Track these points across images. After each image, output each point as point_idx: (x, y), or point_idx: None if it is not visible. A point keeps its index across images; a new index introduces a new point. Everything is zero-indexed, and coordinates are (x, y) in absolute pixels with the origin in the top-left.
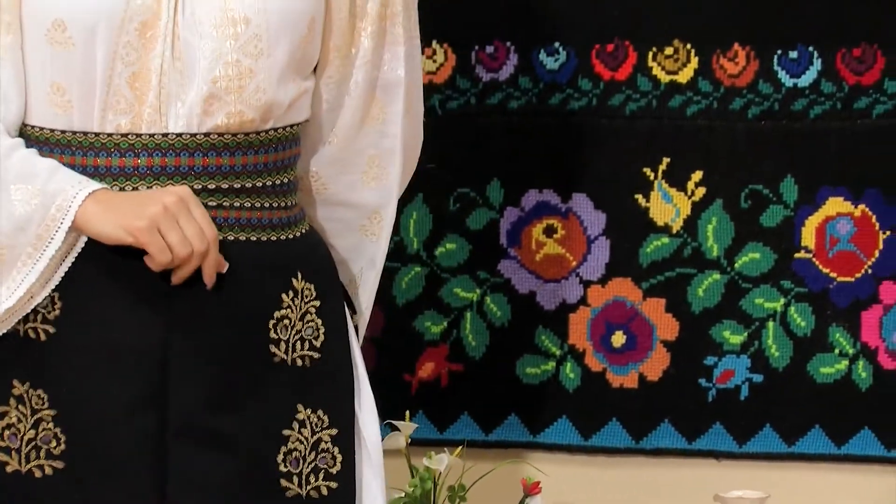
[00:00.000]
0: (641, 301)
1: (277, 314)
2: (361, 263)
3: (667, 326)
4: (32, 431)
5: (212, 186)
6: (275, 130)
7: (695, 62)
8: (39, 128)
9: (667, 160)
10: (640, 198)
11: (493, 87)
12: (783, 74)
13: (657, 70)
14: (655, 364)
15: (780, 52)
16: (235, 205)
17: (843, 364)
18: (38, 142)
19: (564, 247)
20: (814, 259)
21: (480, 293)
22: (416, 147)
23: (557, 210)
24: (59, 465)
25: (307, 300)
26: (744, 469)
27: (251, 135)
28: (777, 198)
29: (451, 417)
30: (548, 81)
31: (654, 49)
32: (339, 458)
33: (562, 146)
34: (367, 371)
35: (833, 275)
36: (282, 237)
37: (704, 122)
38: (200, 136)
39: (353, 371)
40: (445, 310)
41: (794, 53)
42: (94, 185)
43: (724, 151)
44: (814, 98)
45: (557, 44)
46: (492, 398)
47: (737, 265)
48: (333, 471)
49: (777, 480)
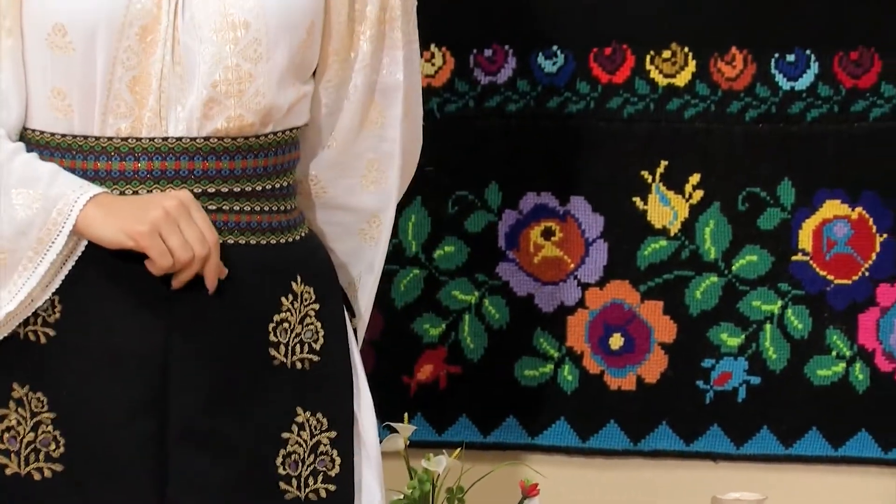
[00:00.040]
0: (639, 303)
1: (277, 317)
2: (360, 267)
3: (664, 329)
4: (32, 434)
5: (212, 190)
6: (274, 134)
7: (692, 65)
8: (40, 132)
9: (664, 163)
10: (638, 200)
11: (492, 91)
12: (780, 78)
13: (655, 73)
14: (653, 366)
15: (778, 56)
16: (235, 208)
17: (840, 366)
18: (39, 146)
19: (562, 249)
20: (811, 262)
21: (479, 296)
22: (416, 151)
23: (555, 213)
24: (59, 468)
25: (307, 303)
26: (741, 471)
27: (251, 139)
28: (774, 200)
29: (450, 419)
30: (546, 84)
31: (652, 52)
32: (338, 461)
33: (560, 149)
34: (366, 373)
35: (830, 277)
36: (281, 241)
37: (702, 126)
38: (200, 140)
39: (353, 374)
40: (444, 312)
41: (792, 57)
42: (96, 190)
43: (722, 154)
44: (811, 101)
45: (555, 47)
46: (490, 400)
47: (734, 268)
48: (332, 473)
49: (774, 482)
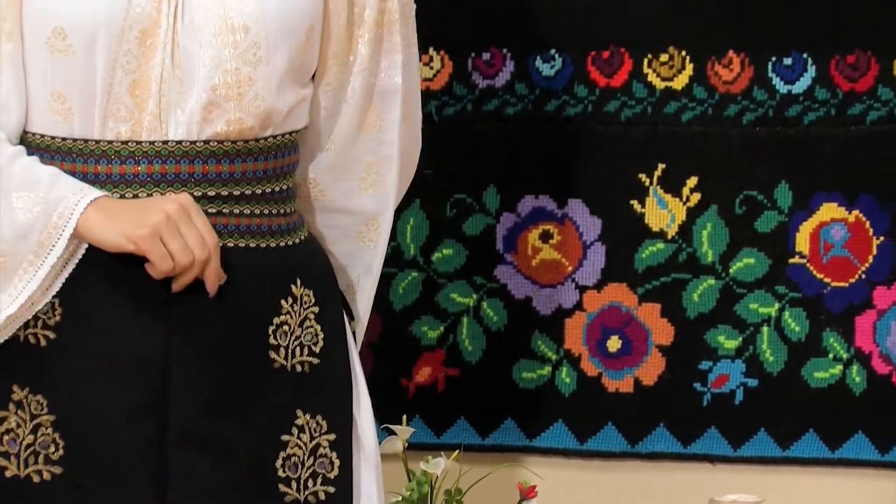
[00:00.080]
0: (637, 306)
1: (277, 320)
2: (359, 270)
3: (662, 331)
4: (31, 437)
5: (211, 193)
6: (274, 138)
7: (690, 69)
8: (40, 135)
9: (662, 166)
10: (636, 203)
11: (490, 94)
12: (778, 81)
13: (652, 77)
14: (651, 369)
15: (775, 59)
16: (235, 212)
17: (837, 369)
18: (39, 149)
19: (560, 252)
20: (808, 264)
21: (477, 298)
22: (414, 154)
23: (553, 216)
24: (58, 471)
25: (306, 306)
26: (738, 473)
27: (250, 142)
28: (771, 203)
29: (448, 422)
30: (544, 88)
31: (650, 56)
32: (337, 463)
33: (558, 152)
34: (365, 376)
35: (827, 280)
36: (281, 244)
37: (699, 129)
38: (200, 144)
39: (352, 376)
40: (442, 315)
41: (789, 60)
42: (96, 193)
43: (719, 157)
44: (808, 104)
45: (553, 51)
46: (488, 403)
47: (731, 270)
48: (331, 475)
49: (771, 484)
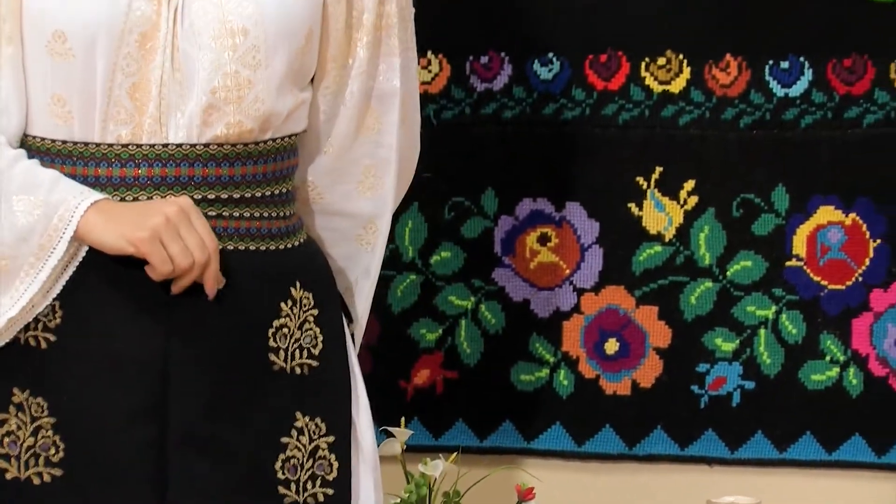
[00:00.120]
0: (634, 309)
1: (276, 323)
2: (357, 272)
3: (659, 334)
4: (32, 439)
5: (211, 196)
6: (273, 141)
7: (687, 72)
8: (41, 138)
9: (659, 169)
10: (633, 206)
11: (488, 97)
12: (775, 84)
13: (650, 80)
14: (648, 371)
15: (772, 63)
16: (235, 215)
17: (834, 371)
18: (40, 152)
19: (558, 255)
20: (805, 267)
21: (475, 301)
22: (413, 158)
23: (551, 219)
24: (58, 473)
25: (305, 309)
26: (736, 475)
27: (250, 145)
28: (768, 206)
29: (446, 424)
30: (541, 91)
31: (647, 59)
32: (336, 465)
33: (555, 155)
34: (363, 378)
35: (824, 283)
36: (280, 247)
37: (697, 132)
38: (200, 147)
39: (351, 379)
40: (440, 317)
41: (786, 63)
42: (96, 196)
43: (716, 161)
44: (805, 108)
45: (551, 54)
46: (486, 405)
47: (729, 273)
48: (330, 477)
49: (768, 486)
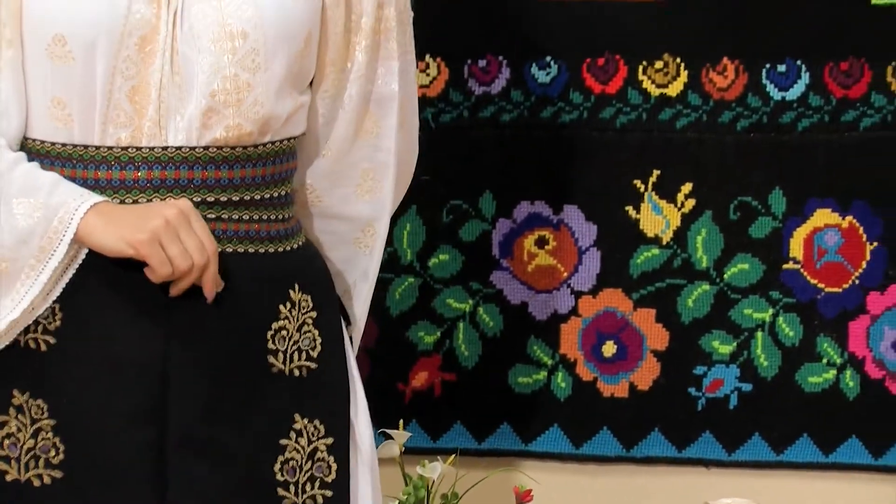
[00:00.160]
0: (632, 311)
1: (275, 325)
2: (355, 275)
3: (657, 336)
4: (32, 441)
5: (211, 199)
6: (272, 144)
7: (684, 76)
8: (40, 141)
9: (657, 172)
10: (631, 209)
11: (486, 101)
12: (772, 88)
13: (647, 83)
14: (646, 373)
15: (769, 66)
16: (234, 217)
17: (831, 373)
18: (39, 155)
19: (556, 258)
20: (802, 270)
21: (473, 304)
22: (411, 161)
23: (549, 222)
24: (58, 475)
25: (304, 311)
26: (733, 477)
27: (249, 148)
28: (766, 209)
29: (444, 426)
30: (539, 95)
31: (645, 63)
32: (335, 467)
33: (553, 159)
34: (362, 381)
35: (821, 285)
36: (279, 249)
37: (694, 135)
38: (199, 150)
39: (349, 381)
40: (438, 320)
41: (783, 67)
42: (96, 198)
43: (714, 164)
44: (802, 111)
45: (549, 58)
46: (484, 407)
47: (726, 276)
48: (329, 479)
49: (765, 488)
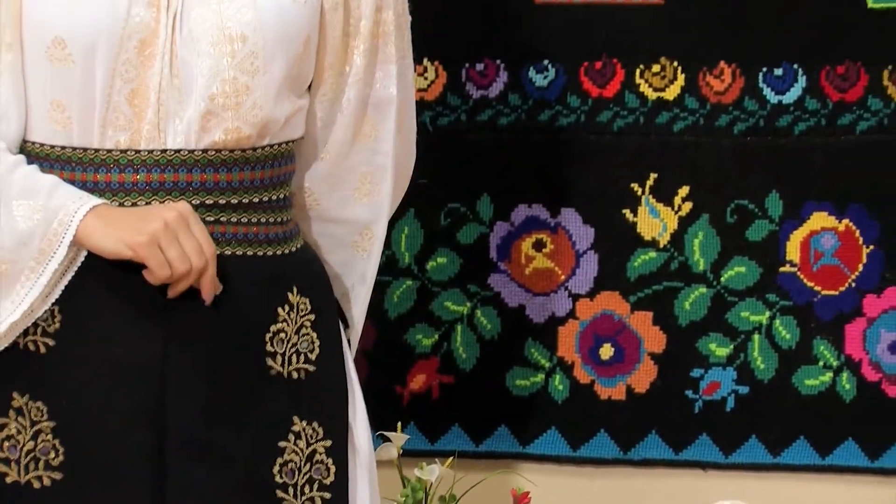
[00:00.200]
0: (629, 314)
1: (273, 328)
2: (353, 278)
3: (654, 339)
4: (31, 443)
5: (209, 202)
6: (271, 147)
7: (681, 79)
8: (39, 144)
9: (654, 176)
10: (628, 213)
11: (484, 104)
12: (768, 91)
13: (644, 87)
14: (643, 376)
15: (766, 70)
16: (232, 220)
17: (828, 376)
18: (38, 158)
19: (553, 261)
20: (798, 273)
21: (471, 306)
22: (409, 165)
23: (546, 225)
24: (58, 477)
25: (302, 314)
26: (730, 479)
27: (248, 151)
28: (762, 212)
29: (442, 429)
30: (537, 98)
31: (642, 66)
32: (333, 470)
33: (551, 162)
34: (360, 383)
35: (817, 288)
36: (277, 252)
37: (691, 139)
38: (198, 153)
39: (348, 383)
40: (436, 323)
41: (779, 71)
42: (96, 201)
43: (711, 167)
44: (798, 115)
45: (546, 61)
46: (482, 410)
47: (723, 279)
48: (327, 482)
49: (762, 490)
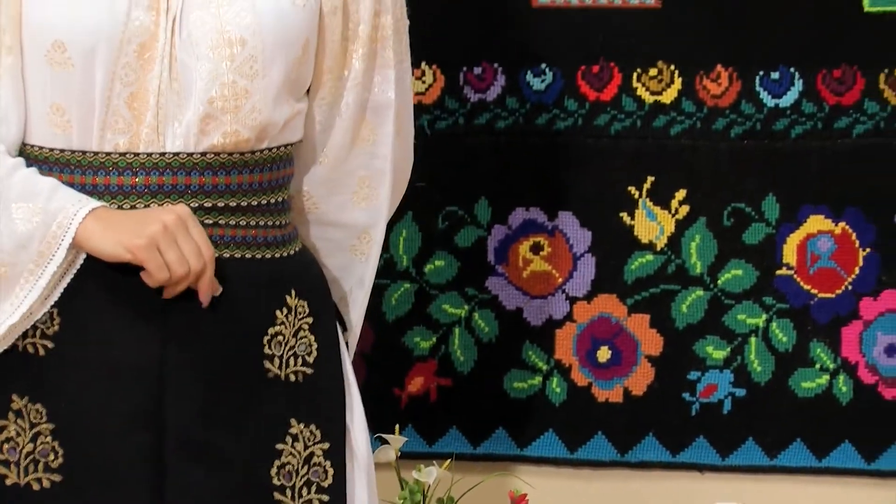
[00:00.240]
0: (626, 317)
1: (271, 330)
2: (351, 282)
3: (651, 342)
4: (31, 445)
5: (208, 205)
6: (269, 150)
7: (678, 83)
8: (39, 147)
9: (651, 179)
10: (625, 216)
11: (481, 108)
12: (765, 95)
13: (642, 91)
14: (640, 379)
15: (762, 73)
16: (231, 223)
17: (824, 379)
18: (38, 161)
19: (551, 264)
20: (795, 276)
21: (468, 309)
22: (407, 169)
23: (544, 228)
24: (57, 479)
25: (300, 317)
26: (726, 482)
27: (246, 154)
28: (759, 216)
29: (440, 431)
30: (534, 102)
31: (639, 70)
32: (331, 472)
33: (548, 165)
34: (358, 386)
35: (814, 291)
36: (276, 255)
37: (688, 142)
38: (197, 156)
39: (345, 386)
40: (434, 326)
41: (776, 74)
42: (95, 203)
43: (708, 170)
44: (795, 118)
45: (544, 65)
46: (480, 412)
47: (720, 282)
48: (325, 484)
49: (759, 493)
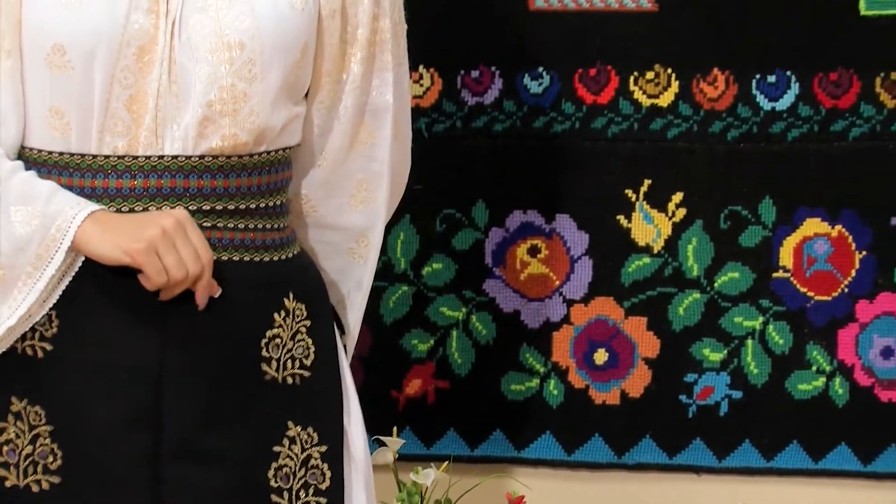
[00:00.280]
0: (623, 319)
1: (269, 333)
2: (349, 285)
3: (648, 344)
4: (30, 447)
5: (206, 208)
6: (267, 153)
7: (675, 86)
8: (38, 150)
9: (648, 182)
10: (622, 218)
11: (479, 111)
12: (762, 98)
13: (638, 94)
14: (637, 381)
15: (759, 77)
16: (229, 226)
17: (821, 381)
18: (37, 164)
19: (548, 266)
20: (791, 278)
21: (466, 312)
22: (404, 172)
23: (541, 230)
24: (56, 480)
25: (298, 320)
26: (723, 483)
27: (244, 157)
28: (756, 218)
29: (438, 433)
30: (532, 105)
31: (636, 73)
32: (329, 474)
33: (545, 168)
34: (356, 388)
35: (810, 294)
36: (274, 258)
37: (685, 145)
38: (195, 159)
39: (343, 389)
40: (432, 328)
41: (773, 78)
42: (93, 207)
43: (704, 173)
44: (791, 121)
45: (541, 68)
46: (477, 414)
47: (716, 284)
48: (323, 486)
49: (755, 495)
